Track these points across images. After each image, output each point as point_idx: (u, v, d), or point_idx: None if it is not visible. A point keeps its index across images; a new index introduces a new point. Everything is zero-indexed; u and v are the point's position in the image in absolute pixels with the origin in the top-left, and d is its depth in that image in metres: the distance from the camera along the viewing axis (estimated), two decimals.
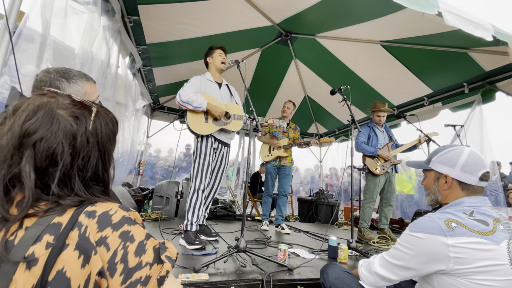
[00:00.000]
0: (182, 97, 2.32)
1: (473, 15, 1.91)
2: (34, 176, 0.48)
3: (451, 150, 1.08)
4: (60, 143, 0.50)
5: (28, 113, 0.49)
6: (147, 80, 4.22)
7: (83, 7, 2.05)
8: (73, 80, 0.95)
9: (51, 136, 0.49)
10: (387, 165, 3.29)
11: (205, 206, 2.58)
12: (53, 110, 0.51)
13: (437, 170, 1.10)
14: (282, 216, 3.62)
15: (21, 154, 0.48)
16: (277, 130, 3.71)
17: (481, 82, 3.18)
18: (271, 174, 3.65)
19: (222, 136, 2.54)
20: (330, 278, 1.27)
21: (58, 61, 1.74)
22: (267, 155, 3.67)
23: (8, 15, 1.26)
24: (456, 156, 1.05)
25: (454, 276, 0.89)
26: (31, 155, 0.48)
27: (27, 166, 0.47)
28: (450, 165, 1.05)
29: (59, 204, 0.49)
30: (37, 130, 0.48)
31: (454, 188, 1.05)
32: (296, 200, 6.02)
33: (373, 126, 3.49)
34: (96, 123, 0.56)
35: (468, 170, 1.01)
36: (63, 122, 0.51)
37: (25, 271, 0.42)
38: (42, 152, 0.48)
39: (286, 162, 3.63)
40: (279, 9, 3.08)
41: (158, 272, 0.50)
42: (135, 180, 5.27)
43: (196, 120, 2.38)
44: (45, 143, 0.49)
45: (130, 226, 0.51)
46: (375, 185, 3.30)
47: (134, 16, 2.79)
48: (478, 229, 0.89)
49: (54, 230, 0.46)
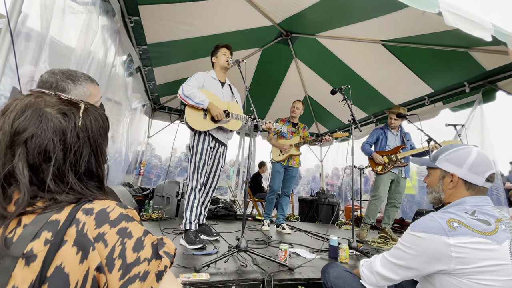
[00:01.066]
0: (185, 91, 2.29)
1: (473, 15, 1.91)
2: (28, 173, 0.49)
3: (459, 149, 1.06)
4: (51, 140, 0.51)
5: (17, 112, 0.51)
6: (148, 80, 4.22)
7: (81, 7, 2.05)
8: (79, 82, 0.97)
9: (41, 133, 0.51)
10: (389, 166, 3.33)
11: (204, 206, 2.58)
12: (41, 108, 0.52)
13: (444, 169, 1.08)
14: (283, 216, 3.63)
15: (13, 152, 0.49)
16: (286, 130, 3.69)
17: (482, 82, 3.17)
18: (279, 173, 3.62)
19: (220, 135, 2.53)
20: (331, 277, 1.27)
21: (55, 61, 1.74)
22: (278, 155, 3.64)
23: (9, 15, 1.26)
24: (464, 155, 1.03)
25: (456, 276, 0.89)
26: (23, 152, 0.49)
27: (20, 163, 0.49)
28: (458, 165, 1.03)
29: (56, 201, 0.50)
30: (26, 128, 0.50)
31: (459, 188, 1.04)
32: (296, 200, 6.02)
33: (385, 129, 3.54)
34: (85, 119, 0.57)
35: (475, 171, 1.00)
36: (51, 119, 0.52)
37: (24, 267, 0.43)
38: (34, 149, 0.50)
39: (293, 163, 3.63)
40: (279, 8, 3.08)
41: (156, 267, 0.50)
42: (136, 180, 5.28)
43: (194, 115, 2.36)
44: (36, 140, 0.50)
45: (127, 223, 0.52)
46: (380, 183, 3.37)
47: (135, 17, 2.80)
48: (480, 229, 0.88)
49: (52, 227, 0.47)
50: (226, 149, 2.69)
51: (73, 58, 1.98)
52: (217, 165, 2.59)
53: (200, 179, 2.38)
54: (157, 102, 5.37)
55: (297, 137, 3.66)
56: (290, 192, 3.70)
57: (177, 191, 3.87)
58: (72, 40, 2.00)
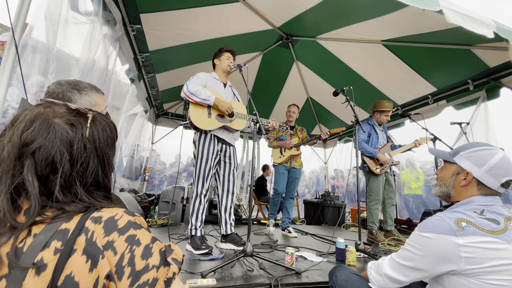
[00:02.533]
0: (190, 88, 2.25)
1: (474, 12, 1.90)
2: (37, 184, 0.49)
3: (485, 149, 1.01)
4: (58, 151, 0.51)
5: (26, 123, 0.51)
6: (151, 87, 4.26)
7: (85, 17, 2.09)
8: (84, 92, 1.00)
9: (49, 144, 0.51)
10: (386, 166, 3.26)
11: (228, 213, 2.47)
12: (49, 119, 0.53)
13: (461, 165, 1.04)
14: (289, 219, 3.62)
15: (22, 163, 0.49)
16: (284, 134, 3.75)
17: (486, 79, 3.14)
18: (283, 175, 3.63)
19: (226, 136, 2.46)
20: (339, 280, 1.26)
21: (60, 71, 1.77)
22: (279, 157, 3.67)
23: (14, 27, 1.28)
24: (488, 156, 0.99)
25: (466, 276, 0.87)
26: (32, 163, 0.50)
27: (29, 174, 0.49)
28: (478, 164, 1.00)
29: (65, 211, 0.51)
30: (34, 139, 0.50)
31: (471, 187, 1.01)
32: (302, 203, 5.98)
33: (373, 124, 3.43)
34: (92, 129, 0.57)
35: (493, 174, 0.97)
36: (59, 130, 0.53)
37: (35, 276, 0.43)
38: (41, 160, 0.50)
39: (296, 165, 3.67)
40: (279, 12, 3.09)
41: (165, 274, 0.51)
42: (141, 186, 5.30)
43: (198, 114, 2.31)
44: (44, 152, 0.50)
45: (135, 230, 0.52)
46: (378, 185, 3.24)
47: (137, 25, 2.84)
48: (489, 228, 0.87)
49: (62, 236, 0.47)
50: (235, 150, 2.61)
51: (77, 68, 2.01)
52: (229, 166, 2.49)
53: (206, 184, 2.33)
54: (161, 109, 5.41)
55: (295, 138, 3.71)
56: (294, 195, 3.71)
57: (182, 197, 3.88)
58: (76, 50, 2.03)
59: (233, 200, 2.53)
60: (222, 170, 2.49)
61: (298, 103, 3.98)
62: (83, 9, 2.06)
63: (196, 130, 2.38)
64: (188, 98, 2.27)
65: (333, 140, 6.58)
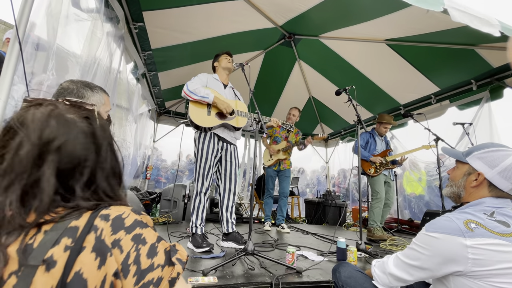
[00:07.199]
0: (190, 87, 2.31)
1: (478, 11, 1.88)
2: (54, 181, 0.50)
3: (499, 150, 0.98)
4: (83, 144, 0.53)
5: (41, 122, 0.51)
6: (153, 85, 4.26)
7: (86, 14, 2.08)
8: (96, 90, 1.06)
9: (73, 139, 0.53)
10: (381, 168, 3.47)
11: (229, 212, 2.47)
12: (63, 115, 0.53)
13: (473, 166, 1.02)
14: (282, 216, 3.85)
15: (42, 161, 0.49)
16: (279, 135, 3.93)
17: (489, 79, 3.12)
18: (272, 178, 3.94)
19: (226, 135, 2.47)
20: (343, 276, 1.26)
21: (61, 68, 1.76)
22: (268, 159, 3.97)
23: (17, 24, 1.28)
24: (501, 158, 0.96)
25: (472, 278, 0.86)
26: (55, 160, 0.50)
27: (48, 172, 0.49)
28: (490, 165, 0.97)
29: (78, 208, 0.51)
30: (57, 136, 0.51)
31: (482, 188, 0.99)
32: (303, 202, 5.98)
33: (374, 134, 3.73)
34: (100, 120, 0.60)
35: (506, 175, 0.94)
36: (79, 125, 0.54)
37: (44, 273, 0.44)
38: (66, 156, 0.51)
39: (285, 166, 3.91)
40: (281, 10, 3.08)
41: (169, 274, 0.51)
42: (143, 184, 5.31)
43: (198, 112, 2.33)
44: (69, 147, 0.52)
45: (142, 229, 0.53)
46: (379, 184, 3.44)
47: (139, 23, 2.83)
48: (499, 231, 0.85)
49: (72, 233, 0.47)
50: (237, 148, 2.62)
51: (78, 65, 2.00)
52: (231, 164, 2.49)
53: (206, 182, 2.34)
54: (162, 107, 5.42)
55: (283, 142, 3.89)
56: (287, 193, 3.91)
57: (183, 195, 3.89)
58: (77, 47, 2.03)
59: (235, 198, 2.54)
60: (223, 169, 2.49)
61: (300, 102, 4.00)
62: (84, 6, 2.05)
63: (197, 128, 2.39)
64: (188, 97, 2.31)
65: (335, 140, 6.57)
